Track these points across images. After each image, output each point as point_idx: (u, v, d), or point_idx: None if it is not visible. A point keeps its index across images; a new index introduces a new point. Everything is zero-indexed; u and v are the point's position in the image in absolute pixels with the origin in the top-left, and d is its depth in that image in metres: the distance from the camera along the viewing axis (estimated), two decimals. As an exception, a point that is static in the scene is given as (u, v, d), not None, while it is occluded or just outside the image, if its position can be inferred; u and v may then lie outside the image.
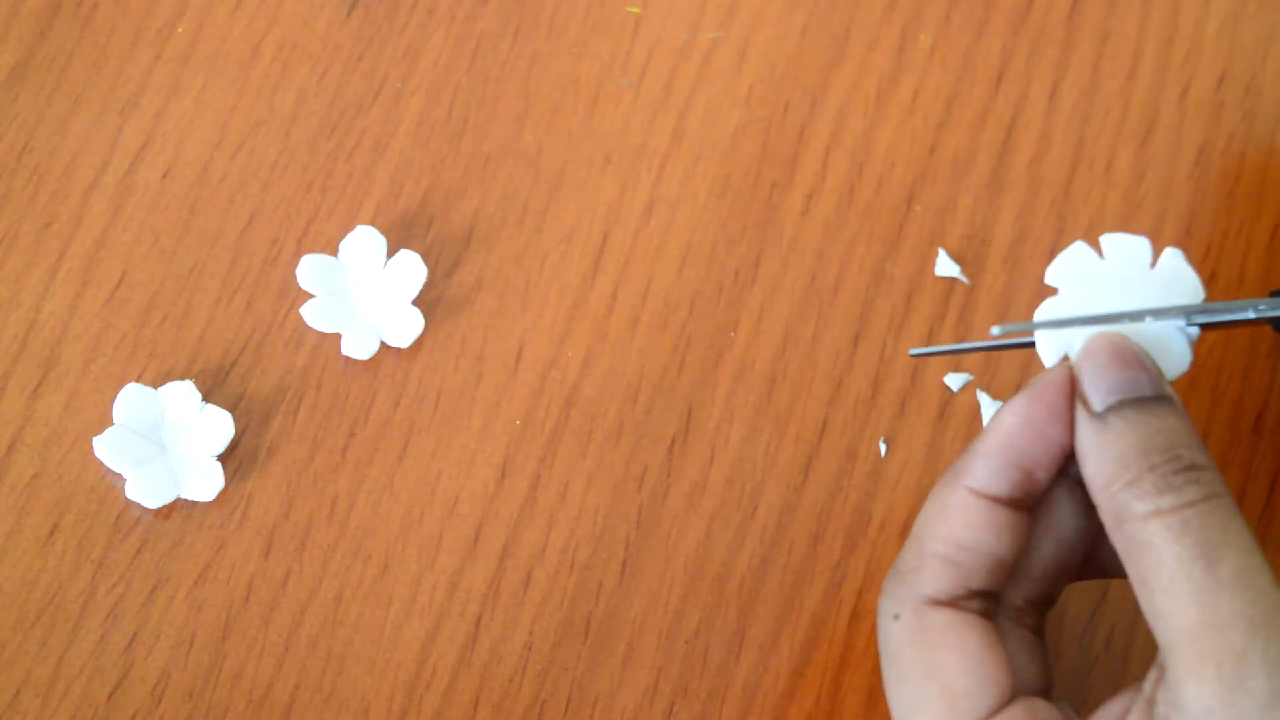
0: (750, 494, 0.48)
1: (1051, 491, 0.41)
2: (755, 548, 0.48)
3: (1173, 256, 0.40)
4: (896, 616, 0.39)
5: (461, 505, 0.48)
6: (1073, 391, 0.39)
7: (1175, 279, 0.40)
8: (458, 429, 0.49)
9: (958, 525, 0.39)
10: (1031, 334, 0.41)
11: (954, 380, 0.50)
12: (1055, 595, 0.42)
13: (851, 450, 0.49)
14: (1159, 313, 0.40)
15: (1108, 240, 0.41)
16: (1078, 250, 0.40)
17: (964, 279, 0.51)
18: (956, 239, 0.52)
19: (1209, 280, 0.52)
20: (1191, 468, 0.37)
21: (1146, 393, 0.38)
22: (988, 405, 0.49)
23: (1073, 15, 0.55)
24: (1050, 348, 0.40)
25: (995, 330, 0.40)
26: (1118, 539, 0.37)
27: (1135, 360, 0.39)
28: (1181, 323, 0.40)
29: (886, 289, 0.51)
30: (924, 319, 0.51)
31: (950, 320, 0.51)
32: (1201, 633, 0.35)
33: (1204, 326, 0.41)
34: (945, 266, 0.51)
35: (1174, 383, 0.50)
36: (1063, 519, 0.41)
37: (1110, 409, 0.38)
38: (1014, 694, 0.38)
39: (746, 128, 0.53)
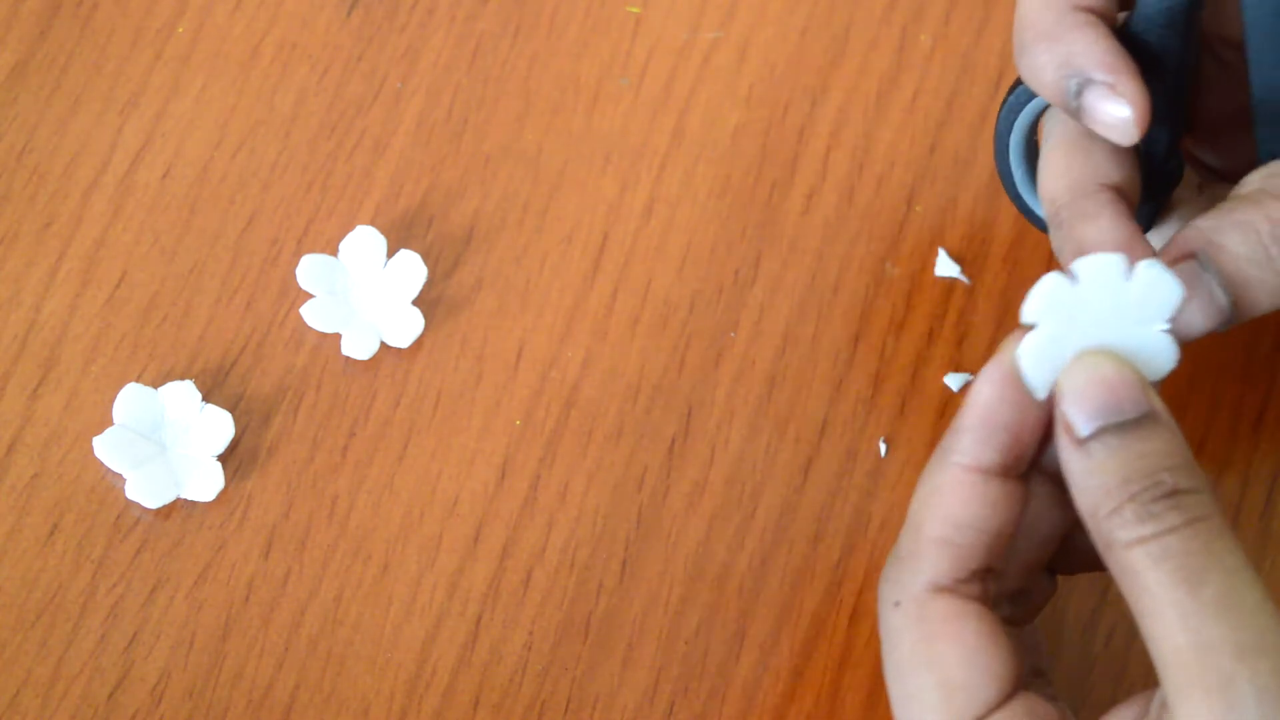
0: (750, 494, 0.48)
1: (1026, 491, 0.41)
2: (755, 548, 0.48)
3: (1149, 267, 0.39)
4: (897, 604, 0.39)
5: (461, 505, 0.48)
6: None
7: (1153, 287, 0.39)
8: (458, 429, 0.49)
9: (952, 504, 0.39)
10: None
11: (954, 380, 0.50)
12: (1031, 587, 0.42)
13: (851, 450, 0.49)
14: None
15: (1080, 265, 0.39)
16: (1051, 281, 0.39)
17: (964, 279, 0.51)
18: (956, 239, 0.52)
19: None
20: (1173, 493, 0.36)
21: (1129, 415, 0.37)
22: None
23: (1073, 15, 0.55)
24: (1039, 380, 0.39)
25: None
26: (1109, 565, 0.37)
27: (1117, 381, 0.38)
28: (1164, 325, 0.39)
29: (886, 289, 0.51)
30: (924, 319, 0.51)
31: (950, 320, 0.51)
32: (1189, 658, 0.35)
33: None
34: (945, 266, 0.51)
35: (1172, 381, 0.50)
36: (1033, 510, 0.41)
37: (1092, 436, 0.37)
38: (1015, 688, 0.38)
39: (746, 128, 0.53)
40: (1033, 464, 0.40)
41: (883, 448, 0.49)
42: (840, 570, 0.48)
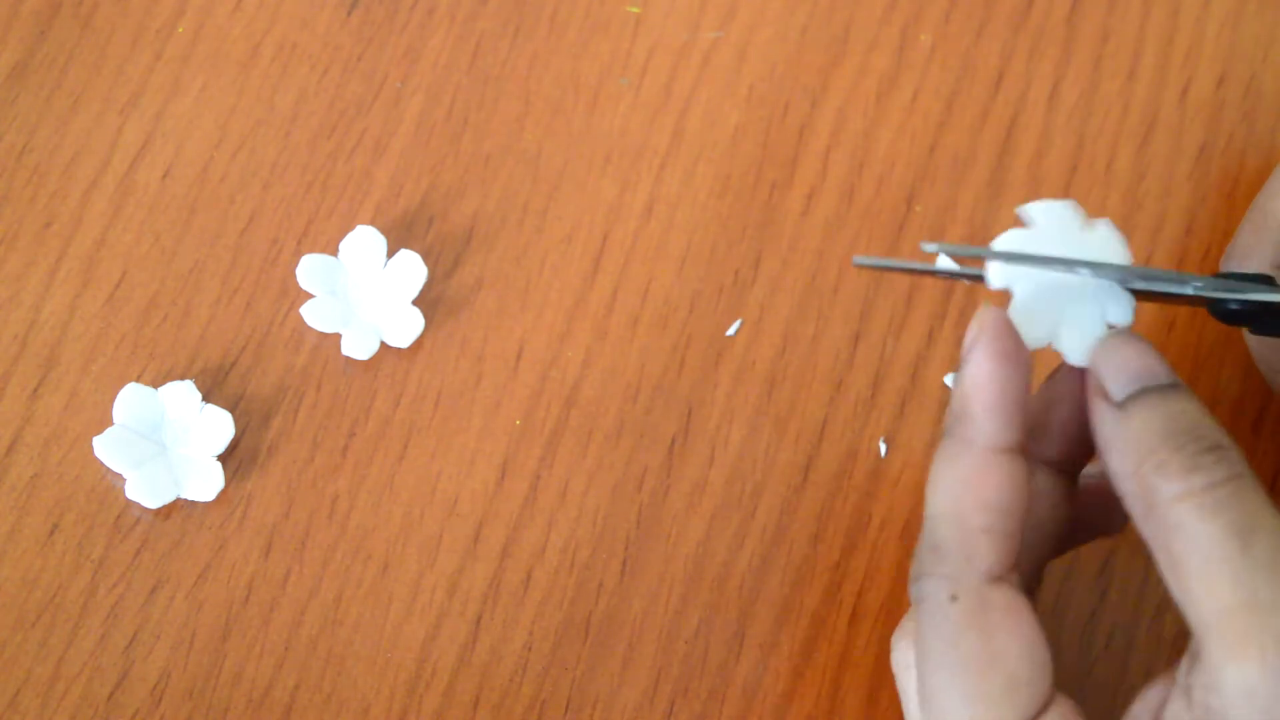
0: (750, 494, 0.48)
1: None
2: (755, 548, 0.48)
3: (1106, 224, 0.41)
4: (954, 598, 0.38)
5: (461, 505, 0.48)
6: (1012, 328, 0.39)
7: (1109, 242, 0.40)
8: (458, 429, 0.49)
9: (991, 490, 0.38)
10: (975, 262, 0.41)
11: (954, 380, 0.50)
12: (1036, 585, 0.42)
13: (851, 450, 0.49)
14: (1097, 267, 0.40)
15: (1034, 210, 0.41)
16: (1009, 238, 0.40)
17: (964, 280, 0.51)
18: (956, 239, 0.52)
19: (1209, 280, 0.52)
20: (1217, 447, 0.37)
21: (1164, 380, 0.38)
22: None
23: (1073, 15, 0.55)
24: (1035, 335, 0.40)
25: (928, 247, 0.39)
26: (1146, 526, 0.37)
27: (1150, 351, 0.39)
28: (1117, 284, 0.40)
29: (886, 289, 0.51)
30: (924, 319, 0.51)
31: (950, 320, 0.51)
32: (1241, 614, 0.35)
33: (1140, 295, 0.41)
34: (945, 266, 0.51)
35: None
36: (1040, 502, 0.41)
37: (1130, 397, 0.38)
38: (1054, 687, 0.38)
39: (746, 128, 0.53)
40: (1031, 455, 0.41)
41: (883, 448, 0.49)
42: (840, 570, 0.48)
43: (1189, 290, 0.41)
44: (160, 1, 0.53)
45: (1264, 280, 0.42)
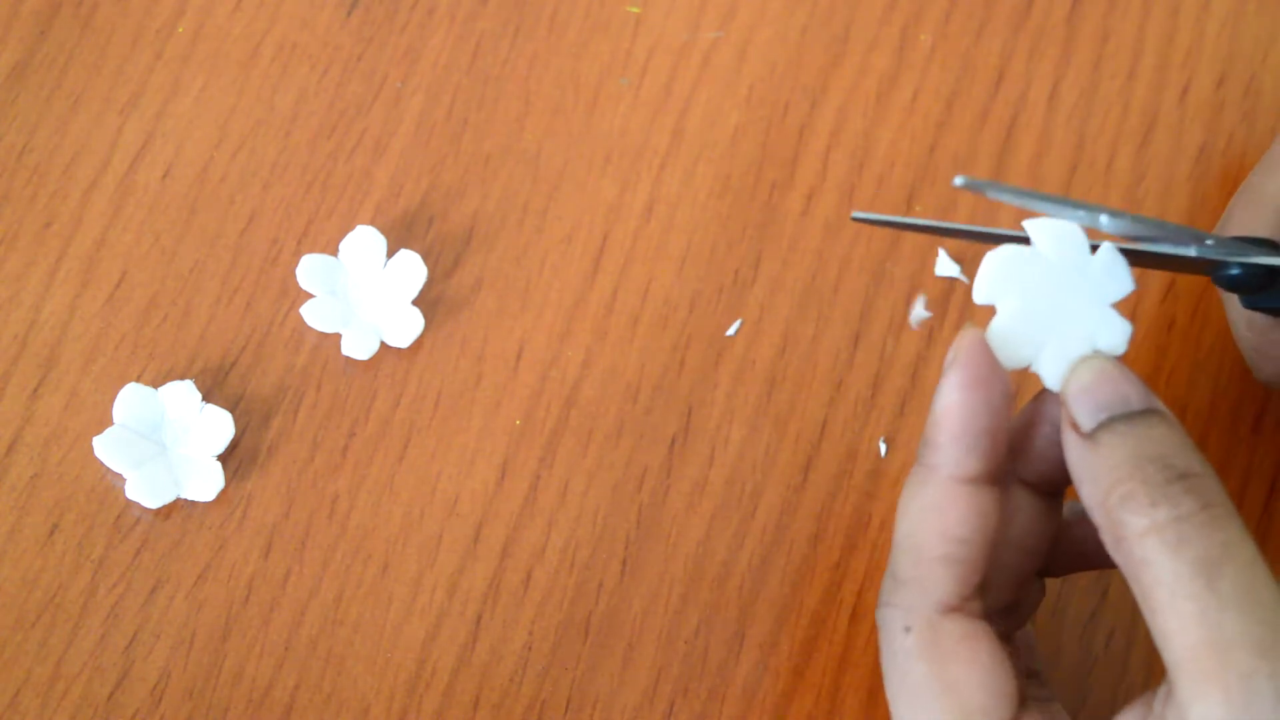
0: (750, 494, 0.48)
1: (1007, 497, 0.40)
2: (755, 548, 0.48)
3: (1110, 248, 0.39)
4: (907, 629, 0.38)
5: (461, 505, 0.48)
6: (988, 352, 0.39)
7: (1111, 267, 0.39)
8: (458, 429, 0.49)
9: (951, 520, 0.38)
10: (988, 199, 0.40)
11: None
12: (1021, 599, 0.41)
13: (851, 450, 0.49)
14: (1112, 213, 0.39)
15: (1035, 228, 0.39)
16: (1004, 254, 0.39)
17: (964, 279, 0.51)
18: (956, 239, 0.52)
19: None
20: (1185, 475, 0.36)
21: (1135, 407, 0.37)
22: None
23: (1073, 15, 0.55)
24: (1012, 358, 0.39)
25: (958, 181, 0.38)
26: (1118, 557, 0.36)
27: (1121, 378, 0.38)
28: (1113, 310, 0.39)
29: (886, 289, 0.51)
30: (924, 319, 0.51)
31: (950, 320, 0.51)
32: (1206, 653, 0.34)
33: (1139, 259, 0.40)
34: (945, 266, 0.51)
35: (1172, 382, 0.50)
36: (1020, 523, 0.40)
37: (1100, 426, 0.37)
38: (1020, 706, 0.38)
39: (746, 128, 0.53)
40: (1010, 475, 0.40)
41: (883, 448, 0.49)
42: (840, 570, 0.48)
43: (1193, 251, 0.40)
44: (160, 1, 0.53)
45: (1268, 245, 0.41)
